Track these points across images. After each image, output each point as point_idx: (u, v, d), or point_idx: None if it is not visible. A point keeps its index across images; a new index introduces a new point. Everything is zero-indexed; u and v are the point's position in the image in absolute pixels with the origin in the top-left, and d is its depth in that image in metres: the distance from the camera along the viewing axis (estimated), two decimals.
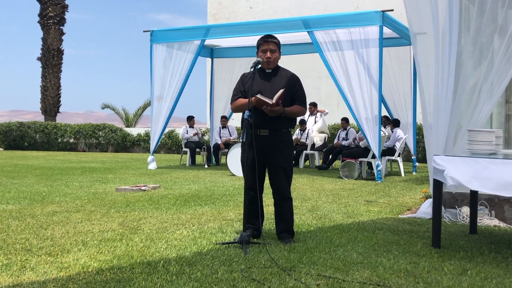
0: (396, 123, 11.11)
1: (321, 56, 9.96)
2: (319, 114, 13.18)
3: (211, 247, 4.07)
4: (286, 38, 10.23)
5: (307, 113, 12.78)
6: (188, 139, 13.18)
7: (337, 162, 12.17)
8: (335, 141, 12.20)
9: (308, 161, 12.87)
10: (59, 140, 20.69)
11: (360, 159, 10.04)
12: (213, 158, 13.09)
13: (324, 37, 9.85)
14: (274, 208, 4.40)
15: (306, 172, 10.95)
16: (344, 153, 10.67)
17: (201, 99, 19.12)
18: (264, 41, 4.33)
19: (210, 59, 14.33)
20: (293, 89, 4.32)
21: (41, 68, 26.16)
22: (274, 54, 4.31)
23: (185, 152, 13.14)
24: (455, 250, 4.08)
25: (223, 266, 3.49)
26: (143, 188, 7.60)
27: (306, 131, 12.58)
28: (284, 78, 4.33)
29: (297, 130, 12.78)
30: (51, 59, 25.81)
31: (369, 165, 10.17)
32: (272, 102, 4.11)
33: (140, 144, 19.72)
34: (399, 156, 10.80)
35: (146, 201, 6.51)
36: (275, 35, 4.44)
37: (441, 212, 4.34)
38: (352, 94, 9.67)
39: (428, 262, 3.68)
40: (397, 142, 10.75)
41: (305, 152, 12.36)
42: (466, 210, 5.28)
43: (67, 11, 26.30)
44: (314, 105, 13.17)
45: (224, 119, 13.26)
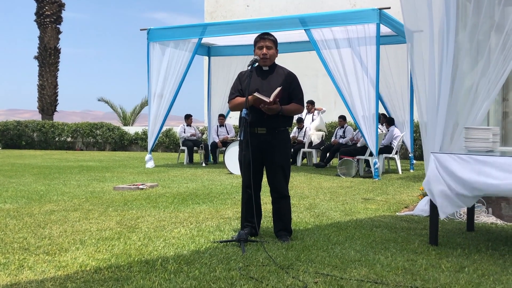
0: (390, 122, 11.13)
1: (318, 54, 9.96)
2: (316, 112, 13.21)
3: (209, 245, 4.08)
4: (283, 36, 10.23)
5: (305, 111, 12.79)
6: (185, 138, 13.18)
7: (334, 160, 12.20)
8: (333, 139, 12.23)
9: (305, 159, 12.87)
10: (57, 139, 20.64)
11: (357, 157, 10.05)
12: (211, 157, 13.09)
13: (321, 35, 9.85)
14: (272, 207, 4.41)
15: (303, 170, 10.96)
16: (341, 151, 10.70)
17: (199, 98, 19.09)
18: (260, 38, 4.34)
19: (207, 58, 14.31)
20: (290, 87, 4.32)
21: (38, 67, 26.07)
22: (270, 51, 4.31)
23: (183, 151, 13.14)
24: (453, 247, 4.09)
25: (221, 264, 3.49)
26: (140, 186, 7.60)
27: (303, 129, 12.59)
28: (281, 76, 4.33)
29: (295, 128, 12.80)
30: (48, 57, 25.73)
31: (367, 163, 10.19)
32: (269, 100, 4.11)
33: (138, 142, 19.69)
34: (396, 154, 10.82)
35: (144, 199, 6.50)
36: (272, 33, 4.45)
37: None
38: (349, 92, 9.69)
39: (426, 260, 3.69)
40: (394, 140, 10.77)
41: (302, 150, 12.37)
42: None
43: (64, 10, 26.21)
44: (311, 103, 13.20)
45: (222, 117, 13.25)
